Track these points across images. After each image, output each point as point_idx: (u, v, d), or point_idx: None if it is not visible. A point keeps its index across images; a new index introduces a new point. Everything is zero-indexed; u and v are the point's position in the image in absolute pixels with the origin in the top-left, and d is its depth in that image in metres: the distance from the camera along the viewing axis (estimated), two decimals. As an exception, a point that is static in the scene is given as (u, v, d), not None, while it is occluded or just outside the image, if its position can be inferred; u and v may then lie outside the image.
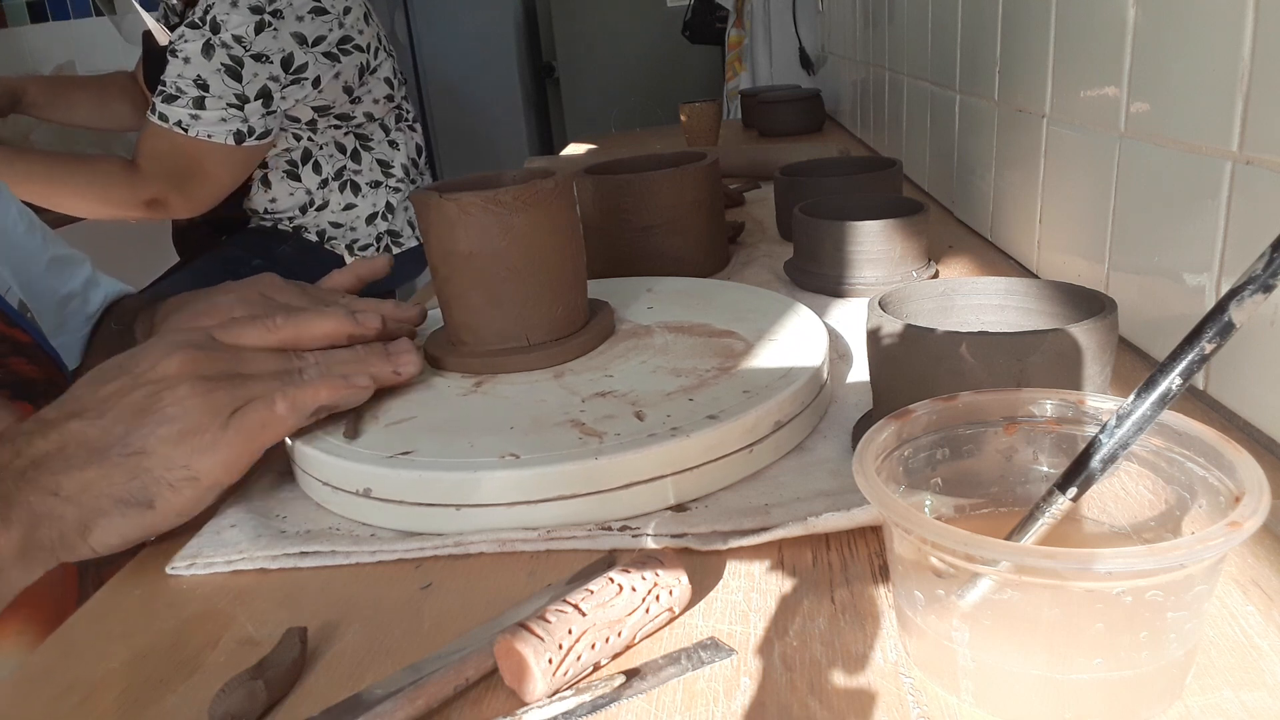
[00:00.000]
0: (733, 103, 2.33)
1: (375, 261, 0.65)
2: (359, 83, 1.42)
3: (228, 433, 0.42)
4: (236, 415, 0.42)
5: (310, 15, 1.32)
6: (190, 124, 1.29)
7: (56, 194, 1.30)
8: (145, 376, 0.42)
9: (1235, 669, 0.30)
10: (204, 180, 1.33)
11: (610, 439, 0.43)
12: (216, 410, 0.42)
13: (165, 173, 1.31)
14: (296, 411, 0.44)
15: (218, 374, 0.43)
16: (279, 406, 0.43)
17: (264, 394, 0.43)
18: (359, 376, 0.47)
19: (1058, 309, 0.44)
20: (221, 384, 0.43)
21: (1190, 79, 0.48)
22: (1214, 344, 0.27)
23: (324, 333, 0.48)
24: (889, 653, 0.33)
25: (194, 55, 1.28)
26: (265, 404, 0.43)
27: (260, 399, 0.43)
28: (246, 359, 0.45)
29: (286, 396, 0.44)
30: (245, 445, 0.43)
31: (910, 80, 1.15)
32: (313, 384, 0.45)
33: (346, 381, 0.46)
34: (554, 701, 0.31)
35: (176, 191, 1.32)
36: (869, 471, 0.30)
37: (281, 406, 0.43)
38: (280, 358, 0.46)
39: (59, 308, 0.76)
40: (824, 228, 0.71)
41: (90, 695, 0.35)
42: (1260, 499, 0.27)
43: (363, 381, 0.47)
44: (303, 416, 0.45)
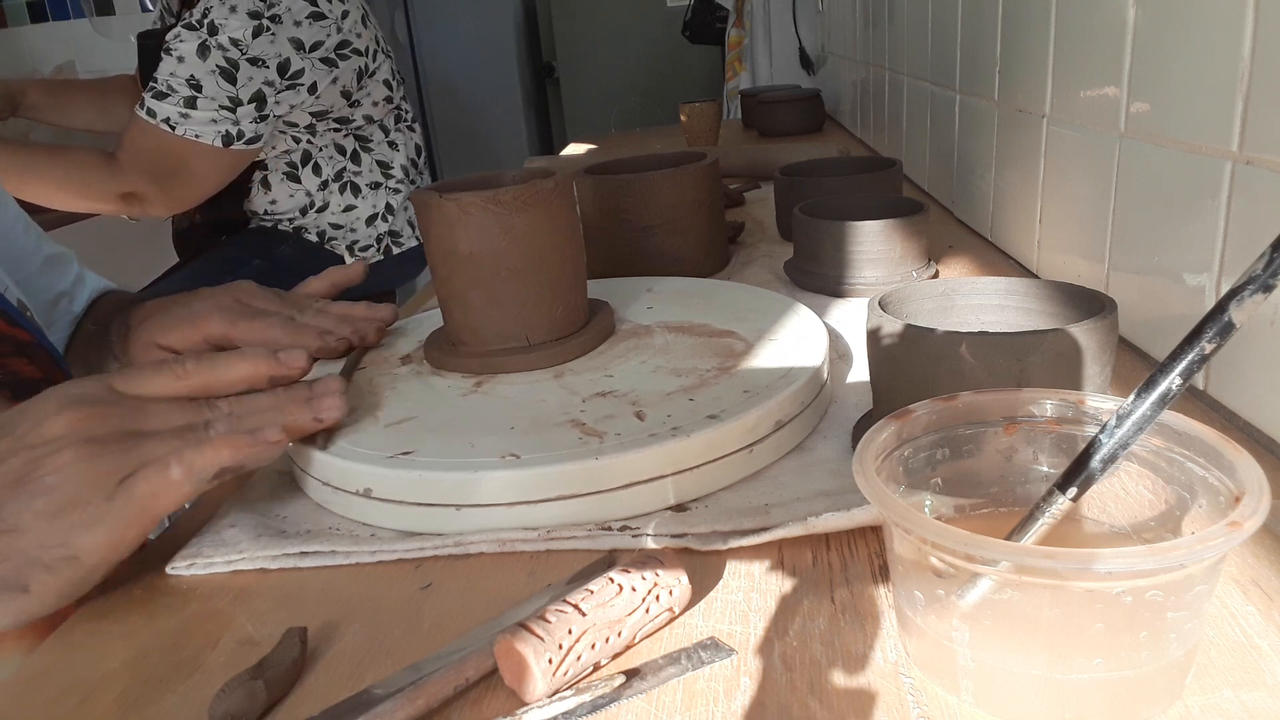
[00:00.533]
0: (733, 103, 2.33)
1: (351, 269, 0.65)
2: (357, 86, 1.42)
3: (113, 504, 0.37)
4: (125, 484, 0.38)
5: (308, 20, 1.32)
6: (179, 122, 1.28)
7: (32, 184, 1.28)
8: (27, 439, 0.38)
9: (1235, 669, 0.30)
10: (187, 179, 1.32)
11: (610, 439, 0.43)
12: (100, 480, 0.37)
13: (146, 168, 1.29)
14: (193, 477, 0.39)
15: (109, 433, 0.39)
16: (173, 472, 0.38)
17: (158, 456, 0.39)
18: (271, 430, 0.41)
19: (1058, 309, 0.44)
20: (111, 447, 0.38)
21: (1190, 79, 0.48)
22: (1214, 344, 0.27)
23: (240, 377, 0.44)
24: (889, 653, 0.33)
25: (189, 55, 1.27)
26: (158, 470, 0.38)
27: (153, 464, 0.38)
28: (147, 412, 0.41)
29: (183, 460, 0.38)
30: (133, 518, 0.38)
31: (910, 80, 1.15)
32: (214, 444, 0.39)
33: (253, 438, 0.40)
34: (554, 701, 0.31)
35: (156, 188, 1.30)
36: (869, 471, 0.30)
37: (176, 472, 0.38)
38: (187, 409, 0.42)
39: (50, 307, 0.76)
40: (824, 228, 0.71)
41: (90, 695, 0.35)
42: (1260, 499, 0.27)
43: (273, 436, 0.41)
44: (202, 481, 0.39)
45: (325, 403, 0.45)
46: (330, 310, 0.60)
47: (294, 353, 0.46)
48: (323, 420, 0.45)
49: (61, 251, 0.79)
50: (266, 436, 0.41)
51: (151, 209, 1.34)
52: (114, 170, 1.29)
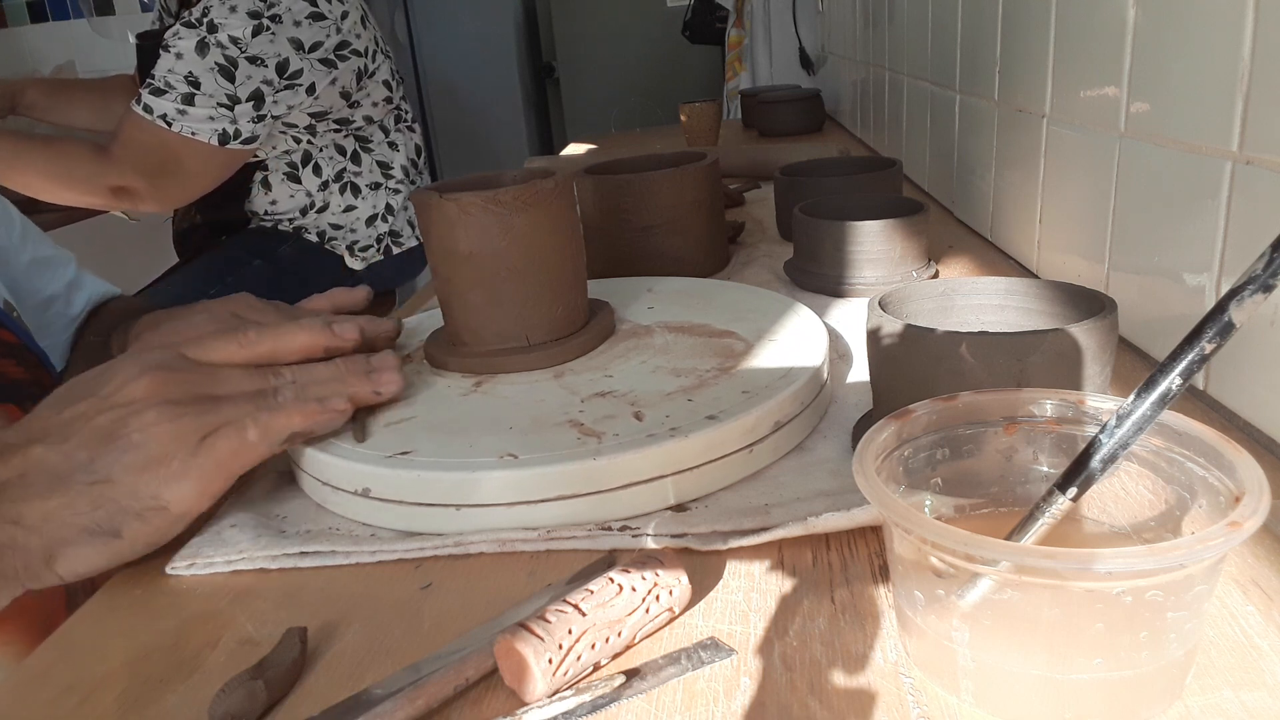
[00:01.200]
0: (733, 103, 2.33)
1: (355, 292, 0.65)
2: (357, 87, 1.42)
3: (197, 460, 0.40)
4: (206, 442, 0.41)
5: (308, 20, 1.32)
6: (175, 119, 1.27)
7: (21, 174, 1.27)
8: (111, 399, 0.41)
9: (1235, 669, 0.30)
10: (180, 177, 1.31)
11: (609, 439, 0.43)
12: (185, 437, 0.40)
13: (139, 163, 1.28)
14: (269, 439, 0.42)
15: (187, 397, 0.41)
16: (250, 433, 0.41)
17: (235, 419, 0.42)
18: (336, 399, 0.45)
19: (1058, 309, 0.44)
20: (190, 408, 0.41)
21: (1190, 79, 0.48)
22: (1214, 344, 0.27)
23: (299, 345, 0.47)
24: (889, 653, 0.33)
25: (187, 52, 1.27)
26: (236, 430, 0.41)
27: (231, 425, 0.41)
28: (219, 378, 0.43)
29: (259, 423, 0.42)
30: (215, 473, 0.41)
31: (910, 80, 1.15)
32: (286, 409, 0.43)
33: (322, 406, 0.44)
34: (554, 701, 0.31)
35: (148, 183, 1.29)
36: (869, 471, 0.30)
37: (253, 433, 0.42)
38: (255, 376, 0.44)
39: (41, 310, 0.75)
40: (824, 228, 0.71)
41: (90, 695, 0.35)
42: (1260, 499, 0.27)
43: (340, 405, 0.44)
44: (275, 443, 0.43)
45: (385, 377, 0.47)
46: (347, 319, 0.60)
47: (348, 325, 0.49)
48: (381, 394, 0.47)
49: (56, 254, 0.79)
50: (334, 405, 0.44)
51: (142, 204, 1.32)
52: (105, 163, 1.28)
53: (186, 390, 0.42)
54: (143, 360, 0.42)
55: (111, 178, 1.28)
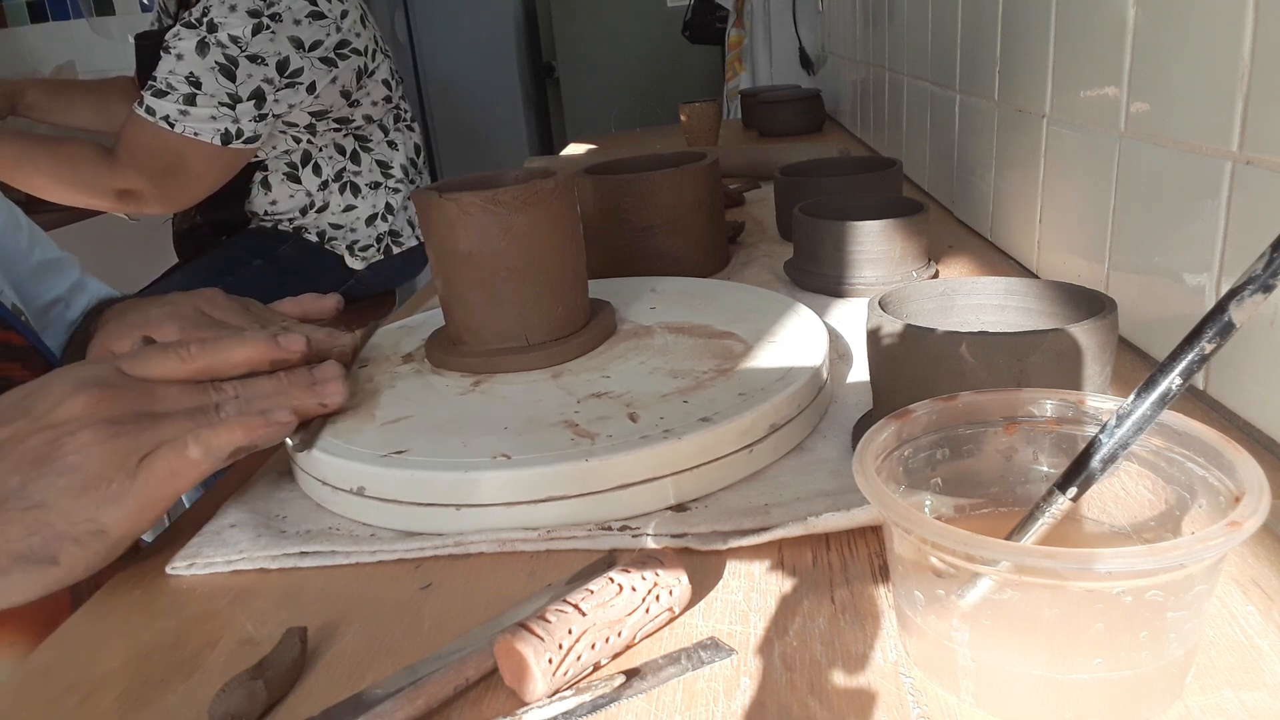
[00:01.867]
0: (733, 103, 2.33)
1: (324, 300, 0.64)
2: (356, 86, 1.42)
3: (135, 482, 0.39)
4: (145, 462, 0.39)
5: (308, 19, 1.32)
6: (178, 119, 1.27)
7: (28, 175, 1.28)
8: (44, 420, 0.39)
9: (1235, 669, 0.30)
10: (184, 178, 1.31)
11: (602, 440, 0.43)
12: (122, 458, 0.39)
13: (143, 165, 1.28)
14: (211, 455, 0.40)
15: (124, 415, 0.40)
16: (191, 451, 0.40)
17: (175, 436, 0.40)
18: (280, 412, 0.43)
19: (1058, 309, 0.44)
20: (128, 427, 0.39)
21: (1190, 79, 0.48)
22: (1214, 344, 0.27)
23: (243, 359, 0.45)
24: (889, 653, 0.33)
25: (188, 52, 1.27)
26: (176, 449, 0.40)
27: (170, 444, 0.40)
28: (158, 395, 0.42)
29: (200, 440, 0.40)
30: (155, 494, 0.39)
31: (910, 80, 1.15)
32: (228, 424, 0.41)
33: (265, 419, 0.42)
34: (554, 701, 0.31)
35: (153, 186, 1.29)
36: (869, 471, 0.30)
37: (194, 451, 0.40)
38: (195, 391, 0.43)
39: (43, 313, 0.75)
40: (824, 228, 0.71)
41: (90, 695, 0.35)
42: (1260, 499, 0.27)
43: (284, 417, 0.43)
44: (218, 460, 0.41)
45: (329, 388, 0.46)
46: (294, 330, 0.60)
47: (293, 337, 0.47)
48: (326, 405, 0.46)
49: (61, 257, 0.79)
50: (277, 418, 0.42)
51: (148, 207, 1.33)
52: (111, 166, 1.28)
53: (123, 408, 0.40)
54: (77, 377, 0.41)
55: (117, 181, 1.28)
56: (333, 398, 0.46)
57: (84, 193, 1.29)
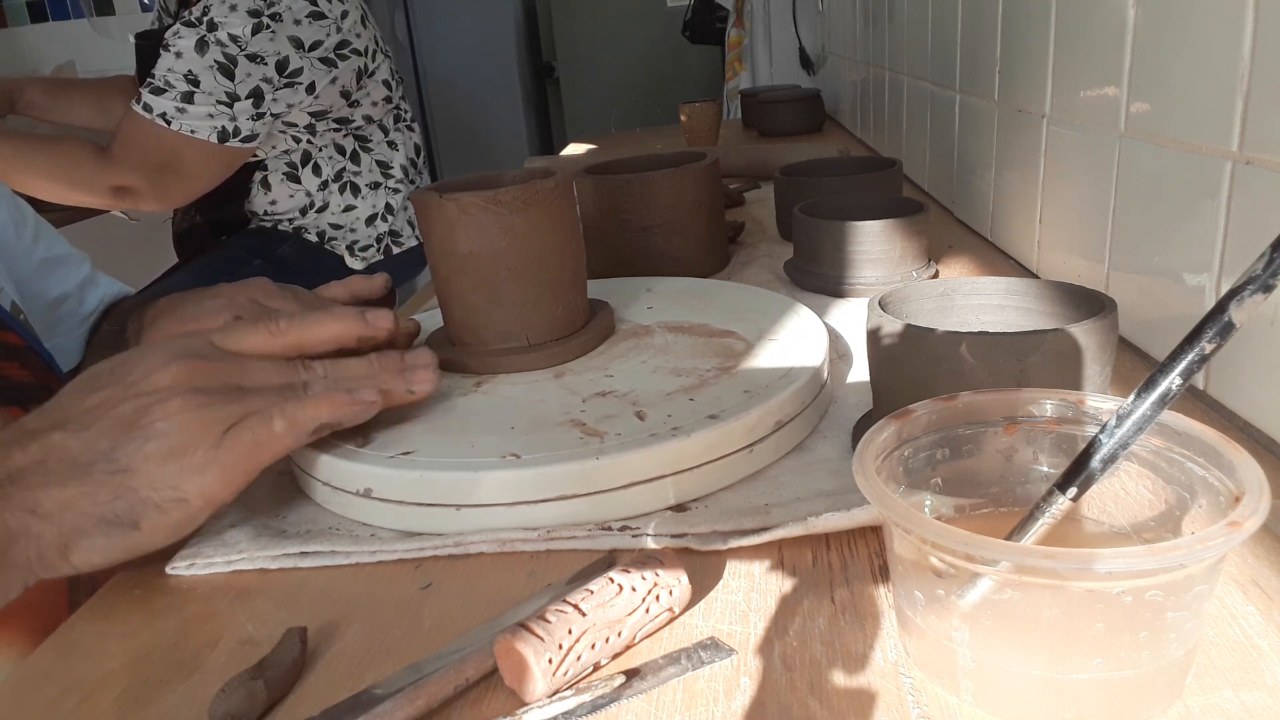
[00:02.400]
0: (733, 103, 2.33)
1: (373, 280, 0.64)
2: (357, 86, 1.42)
3: (220, 452, 0.39)
4: (230, 433, 0.40)
5: (308, 19, 1.32)
6: (175, 116, 1.27)
7: (22, 174, 1.27)
8: (137, 387, 0.40)
9: (1235, 669, 0.30)
10: (180, 176, 1.31)
11: (611, 439, 0.43)
12: (209, 427, 0.39)
13: (139, 162, 1.28)
14: (295, 430, 0.41)
15: (214, 386, 0.40)
16: (276, 424, 0.40)
17: (262, 409, 0.41)
18: (367, 391, 0.43)
19: (1058, 309, 0.44)
20: (217, 398, 0.40)
21: (1190, 79, 0.48)
22: (1214, 344, 0.27)
23: (331, 335, 0.45)
24: (889, 653, 0.33)
25: (187, 51, 1.27)
26: (262, 421, 0.40)
27: (257, 416, 0.40)
28: (248, 369, 0.42)
29: (285, 414, 0.41)
30: (239, 466, 0.40)
31: (910, 80, 1.15)
32: (314, 400, 0.42)
33: (351, 398, 0.43)
34: (554, 701, 0.31)
35: (148, 183, 1.29)
36: (869, 471, 0.30)
37: (279, 424, 0.40)
38: (285, 368, 0.43)
39: (50, 309, 0.75)
40: (824, 228, 0.71)
41: (90, 695, 0.35)
42: (1260, 499, 0.27)
43: (370, 396, 0.43)
44: (303, 435, 0.41)
45: (419, 375, 0.46)
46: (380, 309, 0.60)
47: (381, 312, 0.47)
48: (415, 392, 0.46)
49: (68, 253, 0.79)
50: (364, 397, 0.43)
51: (143, 203, 1.32)
52: (106, 163, 1.28)
53: (214, 379, 0.41)
54: (171, 348, 0.41)
55: (112, 178, 1.28)
56: (422, 385, 0.46)
57: (79, 190, 1.29)
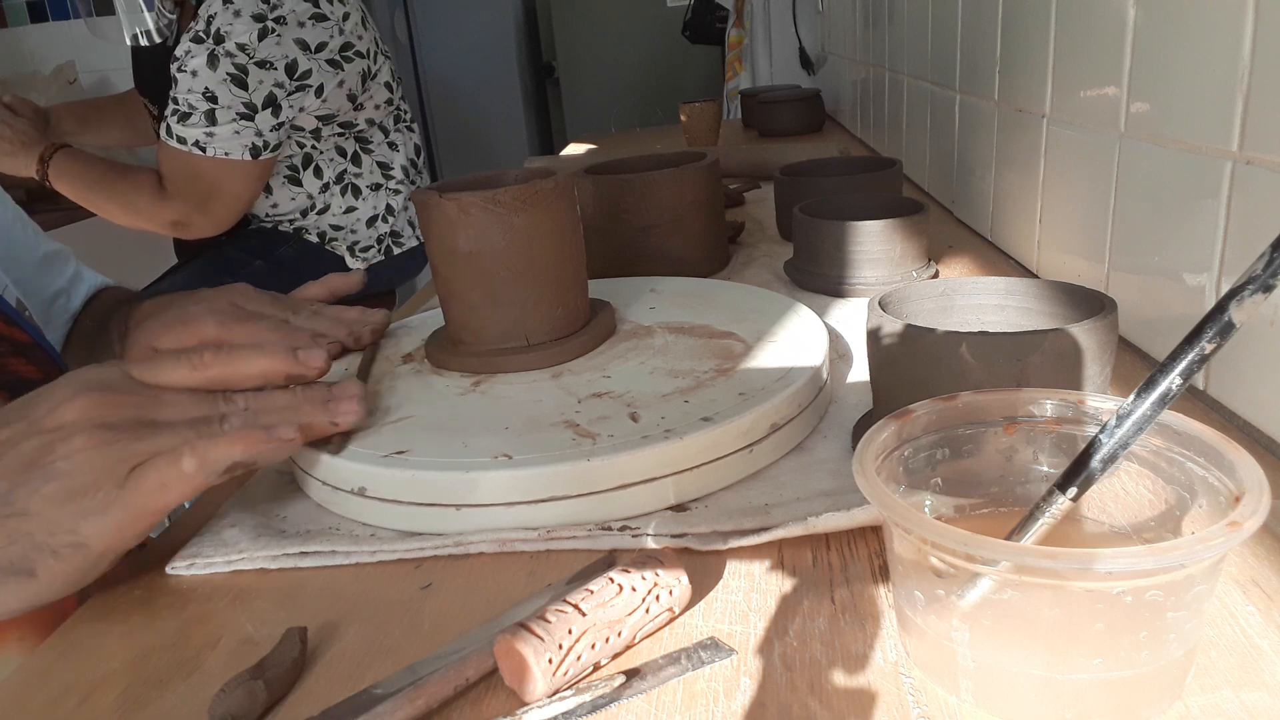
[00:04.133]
0: (733, 103, 2.33)
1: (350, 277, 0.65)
2: (362, 90, 1.43)
3: (123, 493, 0.37)
4: (135, 472, 0.37)
5: (311, 21, 1.32)
6: (206, 143, 1.31)
7: (100, 202, 1.36)
8: (40, 424, 0.38)
9: (1235, 669, 0.30)
10: (224, 199, 1.36)
11: (603, 440, 0.43)
12: (113, 466, 0.37)
13: (186, 195, 1.34)
14: (205, 470, 0.38)
15: (123, 421, 0.38)
16: (186, 464, 0.38)
17: (173, 447, 0.38)
18: (286, 429, 0.41)
19: (1058, 309, 0.44)
20: (124, 434, 0.38)
21: (1190, 79, 0.48)
22: (1214, 344, 0.27)
23: (257, 372, 0.43)
24: (889, 653, 0.33)
25: (200, 68, 1.29)
26: (169, 461, 0.38)
27: (165, 455, 0.38)
28: (163, 402, 0.40)
29: (196, 452, 0.38)
30: (142, 507, 0.37)
31: (910, 80, 1.15)
32: (229, 438, 0.39)
33: (268, 434, 0.40)
34: (554, 701, 0.31)
35: (200, 213, 1.36)
36: (869, 471, 0.30)
37: (189, 464, 0.38)
38: (203, 401, 0.41)
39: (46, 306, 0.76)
40: (824, 228, 0.71)
41: (90, 695, 0.35)
42: (1260, 499, 0.27)
43: (288, 434, 0.41)
44: (213, 474, 0.39)
45: (343, 406, 0.44)
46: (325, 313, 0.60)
47: (313, 352, 0.45)
48: (339, 424, 0.44)
49: (58, 249, 0.79)
50: (281, 435, 0.40)
51: (199, 232, 1.40)
52: (163, 199, 1.35)
53: (123, 413, 0.39)
54: (81, 380, 0.39)
55: (169, 214, 1.36)
56: (346, 418, 0.44)
57: (145, 223, 1.38)
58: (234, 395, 0.42)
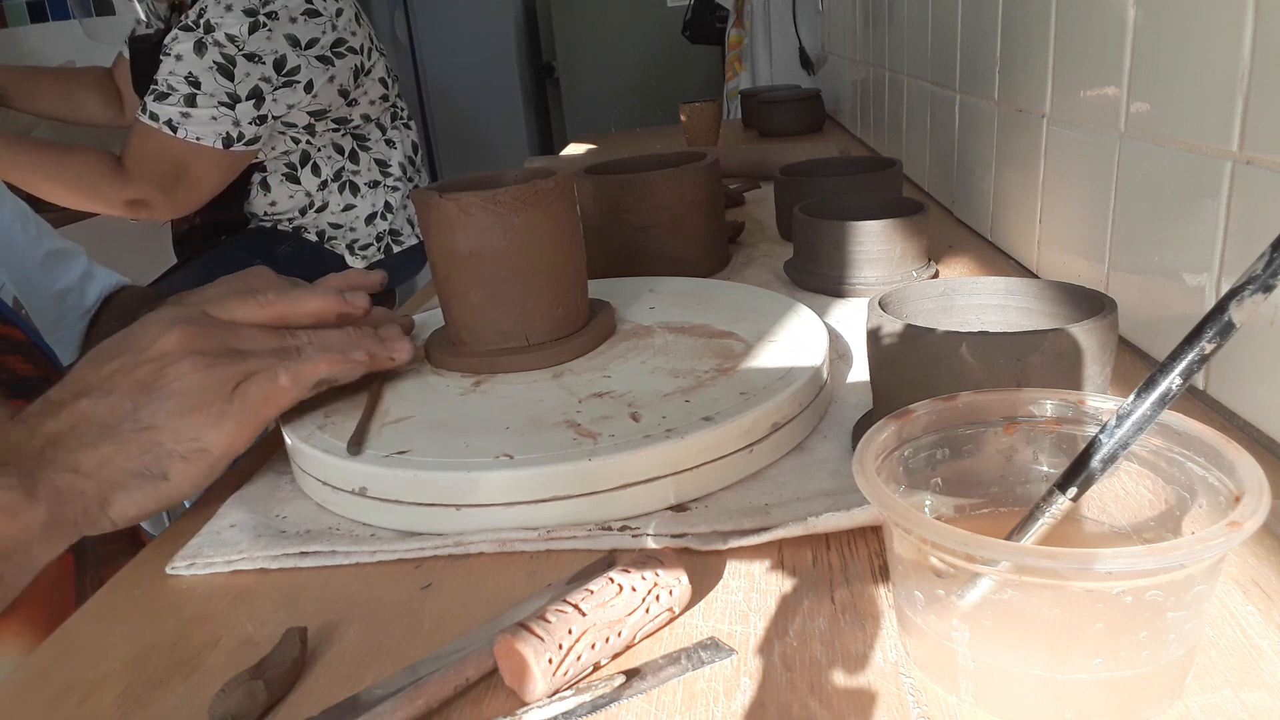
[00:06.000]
0: (733, 103, 2.33)
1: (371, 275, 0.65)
2: (354, 85, 1.42)
3: (233, 405, 0.43)
4: (240, 388, 0.43)
5: (303, 17, 1.32)
6: (180, 123, 1.28)
7: (43, 183, 1.31)
8: (146, 354, 0.43)
9: (1235, 669, 0.30)
10: (188, 183, 1.33)
11: (604, 440, 0.43)
12: (220, 384, 0.43)
13: (150, 175, 1.31)
14: (299, 384, 0.45)
15: (216, 349, 0.44)
16: (282, 379, 0.44)
17: (263, 368, 0.44)
18: (357, 351, 0.48)
19: (1058, 309, 0.44)
20: (221, 359, 0.44)
21: (1190, 79, 0.48)
22: (1214, 344, 0.27)
23: (314, 309, 0.49)
24: (889, 653, 0.33)
25: (186, 54, 1.28)
26: (268, 377, 0.44)
27: (263, 372, 0.44)
28: (242, 335, 0.46)
29: (289, 369, 0.45)
30: (251, 417, 0.44)
31: (910, 80, 1.15)
32: (312, 359, 0.46)
33: (344, 356, 0.47)
34: (554, 701, 0.31)
35: (160, 194, 1.32)
36: (869, 471, 0.30)
37: (284, 379, 0.45)
38: (275, 335, 0.47)
39: (55, 303, 0.76)
40: (824, 228, 0.71)
41: (90, 695, 0.35)
42: (1260, 499, 0.27)
43: (360, 356, 0.48)
44: (305, 389, 0.46)
45: (397, 344, 0.50)
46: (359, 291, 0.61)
47: (359, 295, 0.51)
48: (395, 359, 0.50)
49: (66, 247, 0.80)
50: (355, 356, 0.48)
51: (156, 214, 1.35)
52: (121, 177, 1.31)
53: (214, 343, 0.44)
54: (170, 316, 0.45)
55: (127, 192, 1.31)
56: (400, 354, 0.50)
57: (97, 203, 1.33)
58: (297, 331, 0.48)
